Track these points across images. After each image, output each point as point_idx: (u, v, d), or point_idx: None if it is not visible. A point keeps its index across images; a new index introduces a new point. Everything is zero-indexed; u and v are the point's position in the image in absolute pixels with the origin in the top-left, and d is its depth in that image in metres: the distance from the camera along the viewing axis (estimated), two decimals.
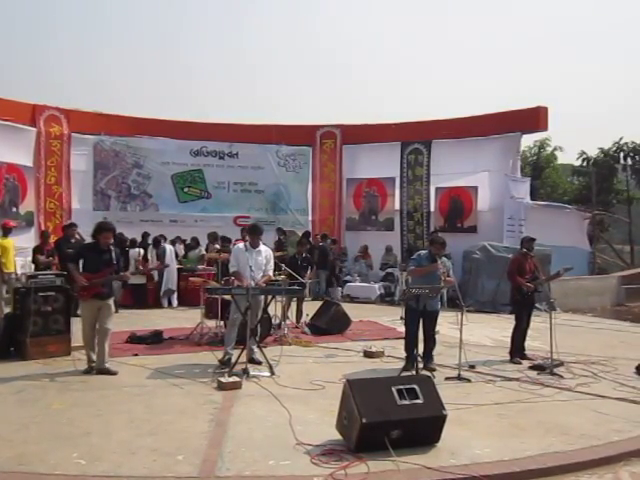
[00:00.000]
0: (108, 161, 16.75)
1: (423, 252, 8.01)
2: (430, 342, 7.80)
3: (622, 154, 27.05)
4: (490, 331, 10.99)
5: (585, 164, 27.62)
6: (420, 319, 7.63)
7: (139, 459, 4.52)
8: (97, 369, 7.22)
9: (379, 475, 4.35)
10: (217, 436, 5.08)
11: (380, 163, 17.37)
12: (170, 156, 17.33)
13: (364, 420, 4.59)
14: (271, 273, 8.17)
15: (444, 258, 7.89)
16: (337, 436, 5.01)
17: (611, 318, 13.72)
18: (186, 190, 17.48)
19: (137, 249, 13.23)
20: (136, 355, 8.27)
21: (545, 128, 16.13)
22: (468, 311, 11.29)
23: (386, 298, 15.28)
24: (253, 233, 8.04)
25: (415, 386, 4.93)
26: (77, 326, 7.82)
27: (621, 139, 27.33)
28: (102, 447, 4.75)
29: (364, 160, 17.89)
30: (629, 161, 27.03)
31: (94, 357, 7.23)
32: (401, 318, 12.05)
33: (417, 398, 4.87)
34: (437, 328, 8.06)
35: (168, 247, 13.60)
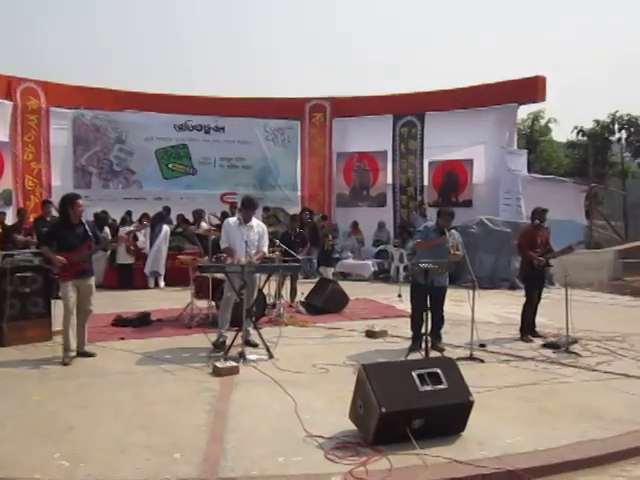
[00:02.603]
0: (88, 136, 15.96)
1: (430, 224, 7.50)
2: (438, 320, 7.29)
3: (617, 126, 26.68)
4: (493, 308, 10.50)
5: (580, 137, 27.20)
6: (427, 296, 7.13)
7: (130, 458, 3.98)
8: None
9: (404, 471, 3.85)
10: (217, 429, 4.55)
11: (371, 136, 16.79)
12: (153, 131, 16.56)
13: (384, 409, 4.08)
14: (266, 249, 7.61)
15: (453, 231, 7.39)
16: (350, 426, 4.51)
17: (611, 293, 13.36)
18: (170, 166, 16.74)
19: (127, 227, 12.57)
20: (122, 339, 7.72)
21: (543, 98, 15.57)
22: (465, 287, 10.89)
23: (380, 275, 14.79)
24: (246, 207, 7.46)
25: (438, 370, 4.43)
26: (58, 309, 7.24)
27: (617, 112, 27.02)
28: (87, 445, 4.20)
29: (355, 134, 17.27)
30: (624, 134, 26.64)
31: (74, 346, 6.65)
32: (399, 296, 11.61)
33: (440, 383, 4.37)
34: None
35: (165, 228, 12.97)
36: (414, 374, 4.34)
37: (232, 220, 7.60)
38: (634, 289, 14.35)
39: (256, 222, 7.51)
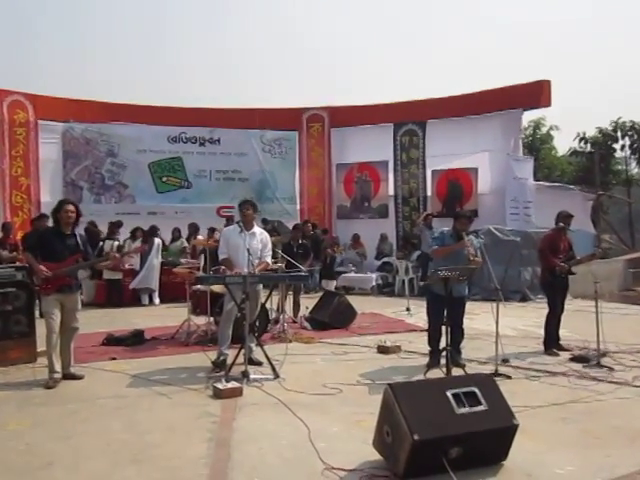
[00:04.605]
0: (79, 150, 15.42)
1: (446, 229, 6.92)
2: (457, 334, 6.68)
3: (620, 133, 26.21)
4: (508, 320, 9.84)
5: (583, 144, 26.77)
6: (444, 308, 6.55)
7: None
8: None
9: None
10: (220, 462, 3.93)
11: (372, 146, 16.24)
12: (146, 143, 16.02)
13: (416, 437, 3.48)
14: (269, 260, 7.00)
15: (471, 236, 6.82)
16: (374, 455, 3.91)
17: (626, 303, 12.77)
18: (165, 179, 16.19)
19: (111, 241, 11.90)
20: (114, 359, 7.12)
21: (548, 104, 15.04)
22: (474, 300, 10.37)
23: (384, 289, 14.19)
24: (244, 206, 6.79)
25: (475, 389, 3.83)
26: (42, 328, 6.63)
27: (619, 118, 26.65)
28: None
29: (354, 144, 16.74)
30: (627, 140, 26.15)
31: (58, 367, 6.05)
32: (407, 310, 11.04)
33: (479, 404, 3.78)
34: None
35: (157, 241, 12.35)
36: (449, 394, 3.75)
37: (232, 227, 7.01)
38: None
39: (259, 230, 6.91)
